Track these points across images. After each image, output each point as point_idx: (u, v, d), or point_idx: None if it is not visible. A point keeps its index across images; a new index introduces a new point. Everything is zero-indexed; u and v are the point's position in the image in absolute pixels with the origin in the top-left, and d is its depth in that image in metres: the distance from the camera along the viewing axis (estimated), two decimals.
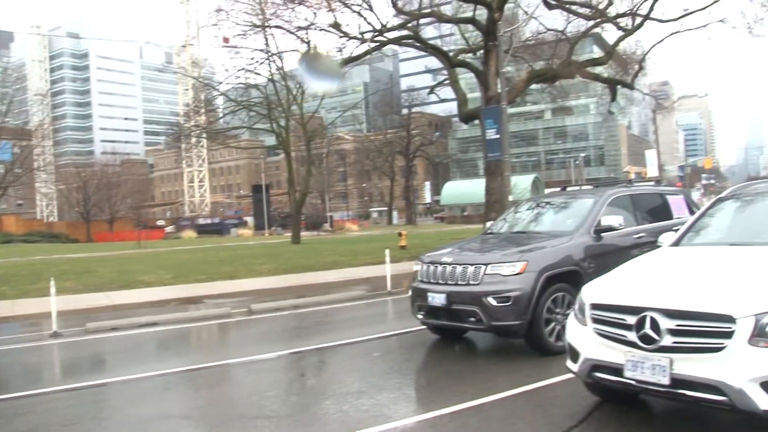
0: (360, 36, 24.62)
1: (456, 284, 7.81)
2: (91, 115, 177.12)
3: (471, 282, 7.68)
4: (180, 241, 55.94)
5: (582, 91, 71.48)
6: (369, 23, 24.54)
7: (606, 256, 7.76)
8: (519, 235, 8.98)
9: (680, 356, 4.25)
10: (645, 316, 4.42)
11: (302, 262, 21.44)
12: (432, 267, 8.22)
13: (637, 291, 4.82)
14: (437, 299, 7.93)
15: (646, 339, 4.39)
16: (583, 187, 12.38)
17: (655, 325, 4.36)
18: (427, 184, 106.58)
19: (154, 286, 16.68)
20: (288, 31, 27.14)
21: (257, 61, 32.44)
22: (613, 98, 30.23)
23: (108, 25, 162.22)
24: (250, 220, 73.31)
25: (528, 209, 10.21)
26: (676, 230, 6.41)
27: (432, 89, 38.17)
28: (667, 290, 4.66)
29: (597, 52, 38.07)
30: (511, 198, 20.96)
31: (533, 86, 29.00)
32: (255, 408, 6.25)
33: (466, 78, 39.04)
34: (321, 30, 25.30)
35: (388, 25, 24.98)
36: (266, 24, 27.88)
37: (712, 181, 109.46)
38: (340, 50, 25.83)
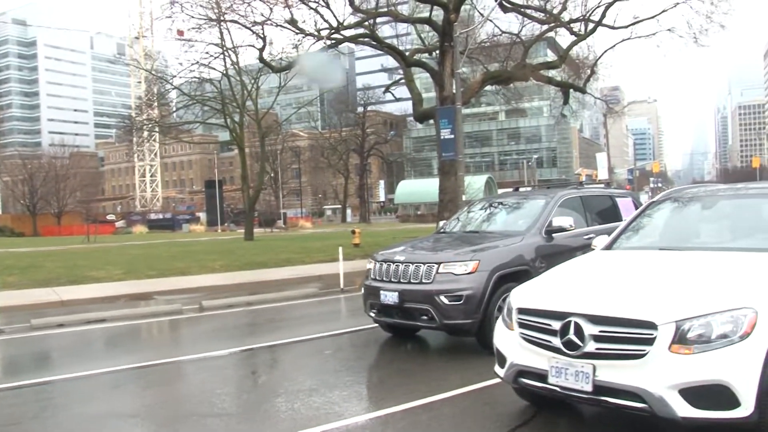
0: (316, 33, 24.54)
1: (408, 282, 7.86)
2: (38, 106, 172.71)
3: (423, 280, 7.74)
4: (130, 236, 55.05)
5: (535, 94, 72.66)
6: (325, 20, 24.46)
7: (556, 257, 7.88)
8: (471, 235, 9.08)
9: (603, 363, 4.22)
10: (569, 322, 4.38)
11: (255, 259, 21.29)
12: (385, 265, 8.26)
13: (563, 296, 4.78)
14: (390, 297, 7.97)
15: (570, 345, 4.35)
16: (535, 188, 12.59)
17: (579, 331, 4.32)
18: (382, 182, 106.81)
19: (104, 282, 16.34)
20: (243, 26, 26.88)
21: (212, 56, 32.15)
22: (566, 101, 30.70)
23: (57, 14, 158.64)
24: (202, 215, 72.58)
25: (481, 209, 10.33)
26: (609, 234, 6.45)
27: (387, 88, 38.26)
28: (593, 295, 4.64)
29: (551, 56, 38.69)
30: (464, 197, 21.16)
31: (488, 88, 29.28)
32: (205, 406, 6.19)
33: (421, 78, 39.31)
34: (277, 26, 25.14)
35: (345, 23, 24.95)
36: (222, 18, 27.57)
37: (660, 185, 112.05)
38: (296, 47, 25.75)
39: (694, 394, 3.94)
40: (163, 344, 10.50)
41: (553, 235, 8.45)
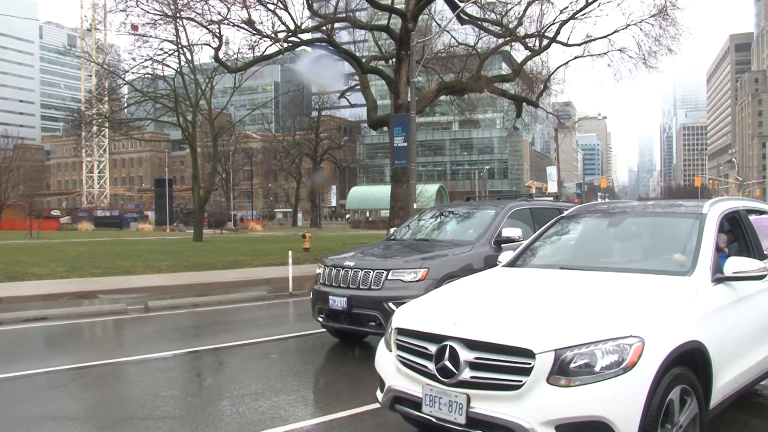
0: (273, 35, 24.44)
1: (357, 288, 7.90)
2: None
3: (372, 287, 7.79)
4: (76, 232, 53.79)
5: (489, 106, 73.58)
6: (283, 23, 24.41)
7: None
8: (421, 243, 9.17)
9: (478, 393, 3.86)
10: (445, 346, 4.02)
11: (203, 260, 21.06)
12: (334, 270, 8.28)
13: (444, 317, 4.33)
14: (338, 302, 7.99)
15: (444, 371, 3.98)
16: (486, 199, 12.77)
17: (454, 357, 3.96)
18: (334, 187, 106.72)
19: (46, 279, 15.98)
20: (200, 24, 26.57)
21: (166, 52, 31.73)
22: (518, 114, 31.19)
23: (4, 1, 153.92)
24: (151, 214, 71.33)
25: (431, 217, 10.44)
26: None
27: (343, 94, 38.30)
28: (473, 318, 4.23)
29: (505, 69, 39.30)
30: (415, 206, 21.31)
31: (442, 98, 29.60)
32: (148, 408, 6.09)
33: (377, 85, 39.49)
34: (234, 26, 24.94)
35: (303, 26, 24.92)
36: (178, 15, 27.21)
37: (607, 200, 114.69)
38: (252, 48, 25.59)
39: (571, 430, 3.64)
40: (106, 345, 10.29)
41: (502, 245, 8.58)
